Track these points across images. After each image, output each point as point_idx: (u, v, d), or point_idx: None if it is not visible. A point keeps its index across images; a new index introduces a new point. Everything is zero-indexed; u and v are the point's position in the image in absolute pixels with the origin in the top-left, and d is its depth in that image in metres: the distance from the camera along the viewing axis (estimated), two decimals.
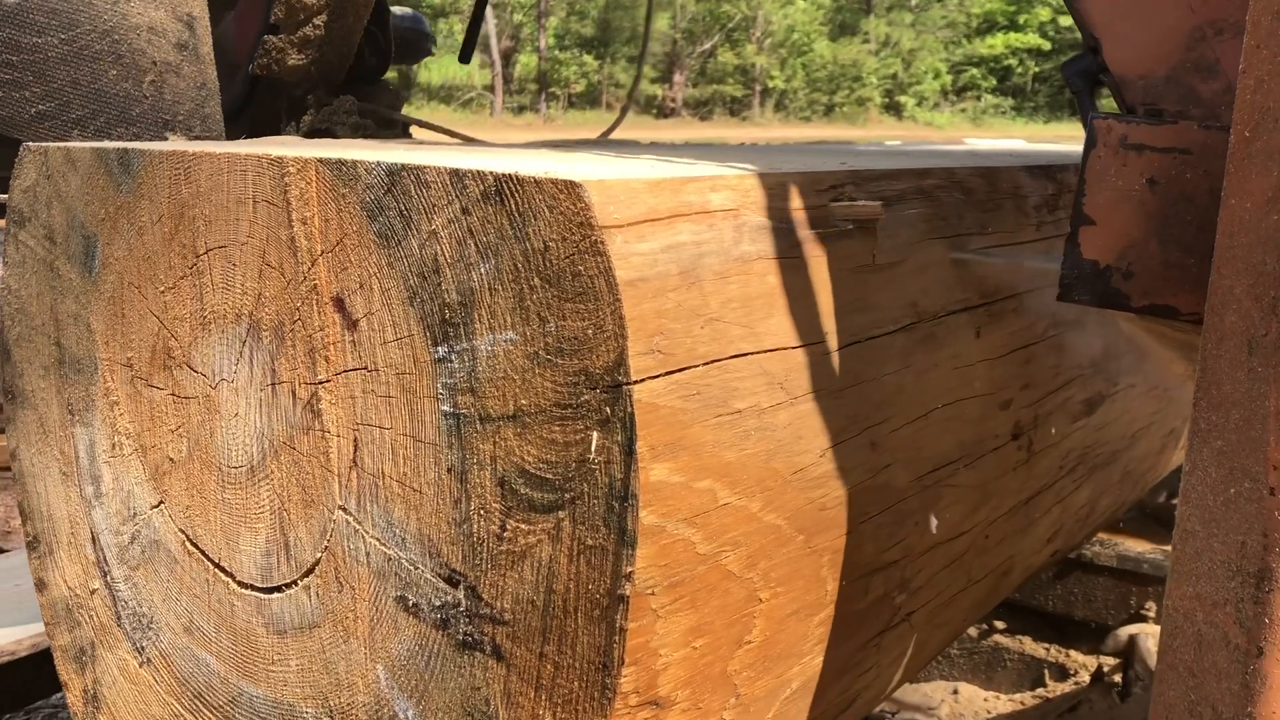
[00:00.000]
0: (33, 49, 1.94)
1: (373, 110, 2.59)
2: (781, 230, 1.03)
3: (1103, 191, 1.14)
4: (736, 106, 33.10)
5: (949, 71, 35.77)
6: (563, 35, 31.16)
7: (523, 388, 0.92)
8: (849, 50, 34.90)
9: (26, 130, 1.95)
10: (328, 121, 2.51)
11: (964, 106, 35.54)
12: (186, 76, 2.09)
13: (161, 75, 2.04)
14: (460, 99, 28.40)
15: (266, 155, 1.09)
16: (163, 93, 2.05)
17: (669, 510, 0.89)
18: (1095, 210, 1.15)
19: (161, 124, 2.07)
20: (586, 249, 0.86)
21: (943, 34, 36.10)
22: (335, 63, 2.49)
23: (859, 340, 1.11)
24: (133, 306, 1.26)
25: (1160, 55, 1.15)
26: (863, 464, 1.11)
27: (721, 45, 33.09)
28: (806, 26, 34.28)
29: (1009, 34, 34.99)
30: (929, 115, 34.06)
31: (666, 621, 0.91)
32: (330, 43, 2.43)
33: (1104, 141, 1.15)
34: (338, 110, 2.52)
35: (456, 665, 1.01)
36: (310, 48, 2.41)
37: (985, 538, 1.41)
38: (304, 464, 1.11)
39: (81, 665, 1.42)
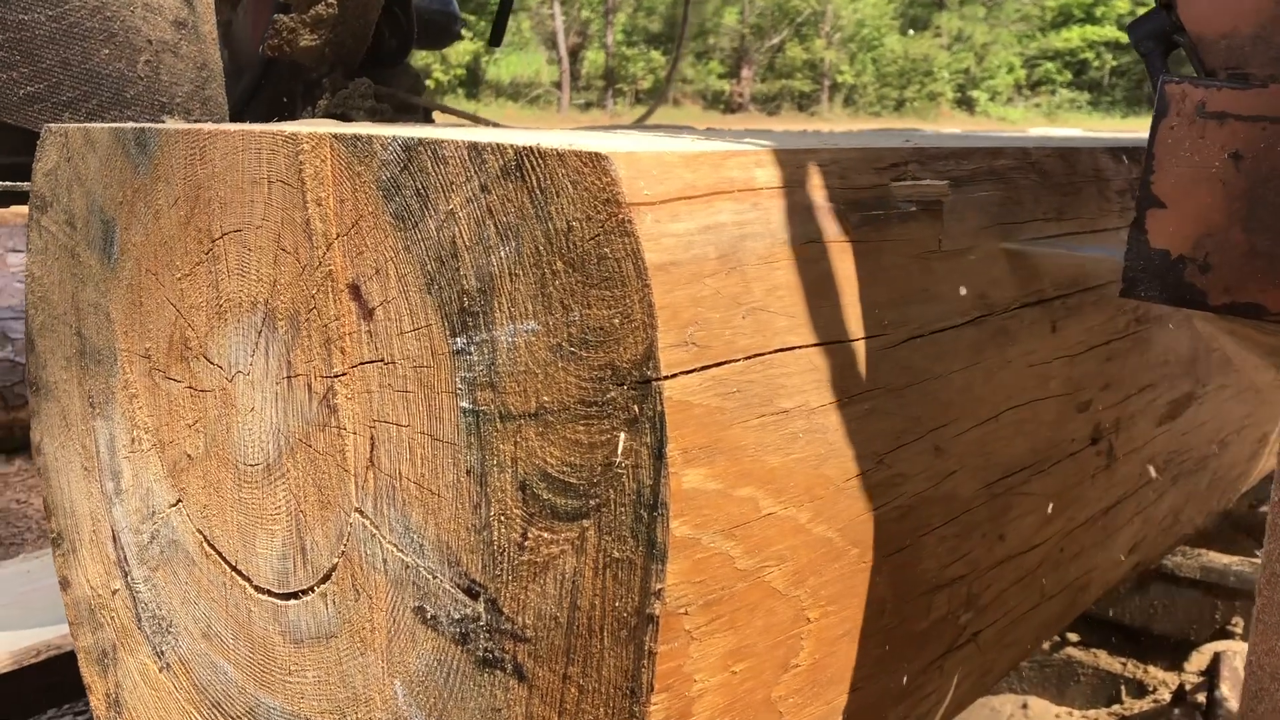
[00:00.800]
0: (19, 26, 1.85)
1: (390, 94, 2.50)
2: (836, 211, 0.93)
3: (1175, 169, 0.99)
4: (805, 102, 32.75)
5: (1023, 65, 35.06)
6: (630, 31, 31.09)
7: (545, 383, 0.84)
8: (920, 44, 34.36)
9: (14, 113, 1.87)
10: (343, 106, 2.43)
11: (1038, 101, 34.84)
12: (185, 56, 2.00)
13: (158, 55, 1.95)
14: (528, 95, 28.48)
15: (280, 132, 1.02)
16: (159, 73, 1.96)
17: (704, 521, 0.80)
18: (1166, 191, 1.00)
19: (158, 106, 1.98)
20: (613, 229, 0.77)
21: (1017, 27, 35.38)
22: (351, 44, 2.41)
23: (922, 334, 1.01)
24: (150, 294, 1.20)
25: (1247, 10, 0.99)
26: (925, 470, 1.01)
27: (790, 40, 32.76)
28: (877, 21, 33.81)
29: (1085, 27, 34.18)
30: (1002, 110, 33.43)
31: (702, 644, 0.82)
32: (344, 23, 2.35)
33: (1177, 110, 0.99)
34: (353, 94, 2.44)
35: (476, 684, 0.93)
36: (323, 27, 2.32)
37: (1060, 551, 1.30)
38: (320, 463, 1.04)
39: (104, 668, 1.37)
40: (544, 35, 29.95)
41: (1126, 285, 1.02)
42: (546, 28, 29.58)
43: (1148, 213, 1.01)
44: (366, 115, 2.39)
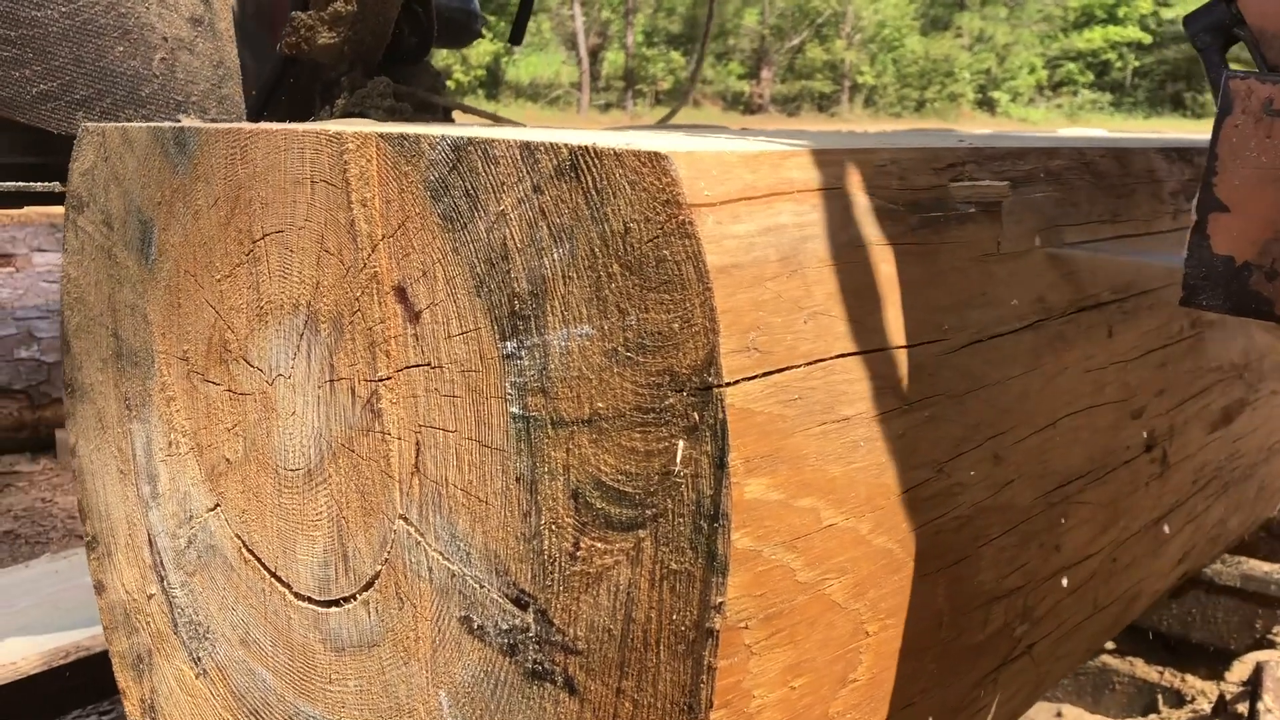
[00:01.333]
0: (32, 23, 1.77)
1: (410, 93, 2.43)
2: (895, 213, 0.91)
3: (1240, 170, 0.94)
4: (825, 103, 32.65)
5: (1045, 66, 34.86)
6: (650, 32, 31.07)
7: (599, 389, 0.81)
8: (941, 45, 34.19)
9: (27, 112, 1.81)
10: (361, 105, 2.34)
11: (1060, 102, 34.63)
12: (201, 54, 1.95)
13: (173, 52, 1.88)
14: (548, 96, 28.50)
15: (324, 131, 1.00)
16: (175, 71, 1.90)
17: (766, 532, 0.77)
18: (1230, 193, 0.95)
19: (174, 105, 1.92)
20: (673, 230, 0.75)
21: (1038, 28, 35.18)
22: (370, 42, 2.33)
23: (981, 339, 0.98)
24: (189, 296, 1.18)
25: None
26: (984, 479, 0.98)
27: (810, 41, 32.67)
28: (897, 21, 33.67)
29: (1107, 27, 33.95)
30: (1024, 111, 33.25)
31: (762, 659, 0.80)
32: (364, 20, 2.27)
33: (1242, 107, 0.94)
34: (371, 93, 2.35)
35: (525, 696, 0.90)
36: (342, 25, 2.25)
37: (1113, 561, 1.27)
38: (363, 468, 1.02)
39: (139, 673, 1.35)
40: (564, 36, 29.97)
41: (1187, 293, 0.97)
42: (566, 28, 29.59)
43: (1210, 216, 0.96)
44: (385, 115, 2.33)
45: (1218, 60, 1.05)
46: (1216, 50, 1.05)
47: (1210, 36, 1.05)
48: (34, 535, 4.11)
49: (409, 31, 2.56)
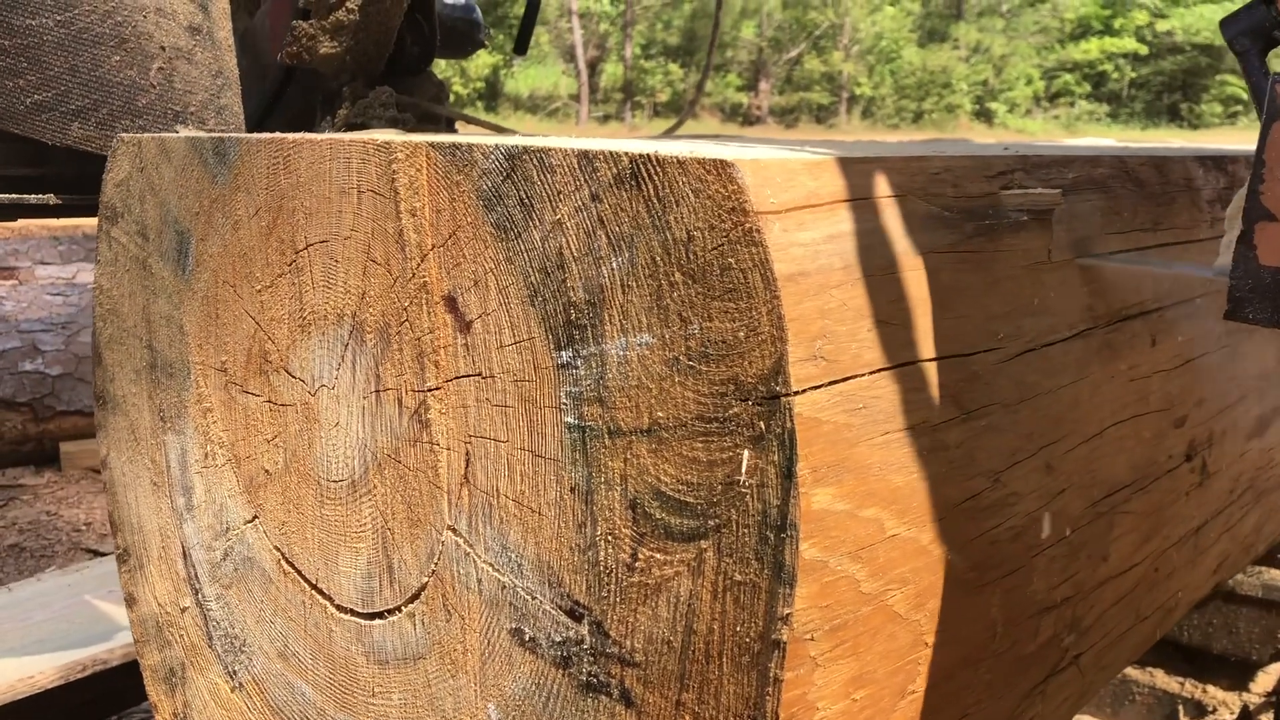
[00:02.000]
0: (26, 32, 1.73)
1: (413, 103, 2.40)
2: (951, 220, 0.90)
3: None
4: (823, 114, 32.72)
5: (1042, 77, 34.96)
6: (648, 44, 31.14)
7: (660, 398, 0.81)
8: (938, 57, 34.30)
9: (21, 123, 1.75)
10: (363, 115, 2.34)
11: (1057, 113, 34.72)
12: (200, 63, 1.90)
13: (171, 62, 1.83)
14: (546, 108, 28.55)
15: (372, 141, 0.99)
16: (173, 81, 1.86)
17: (832, 543, 0.77)
18: (1277, 202, 0.90)
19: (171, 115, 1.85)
20: (739, 238, 0.74)
21: (1035, 39, 35.29)
22: (373, 51, 2.32)
23: (1034, 348, 0.98)
24: (227, 307, 1.17)
25: None
26: (1038, 489, 0.98)
27: (808, 53, 32.76)
28: (895, 33, 33.78)
29: (1104, 39, 34.07)
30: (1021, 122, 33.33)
31: (826, 670, 0.79)
32: (366, 29, 2.26)
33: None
34: (373, 103, 2.35)
35: (579, 709, 0.90)
36: (344, 34, 2.24)
37: (1155, 571, 1.26)
38: (410, 479, 1.01)
39: (171, 687, 1.34)
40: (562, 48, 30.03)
41: (1232, 306, 0.94)
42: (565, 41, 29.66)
43: (1257, 226, 0.92)
44: (388, 125, 2.33)
45: (1258, 64, 1.03)
46: (1257, 54, 1.03)
47: (1249, 40, 1.03)
48: (39, 549, 4.10)
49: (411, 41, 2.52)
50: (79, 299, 4.93)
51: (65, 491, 4.62)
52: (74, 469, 4.72)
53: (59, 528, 4.38)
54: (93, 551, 4.13)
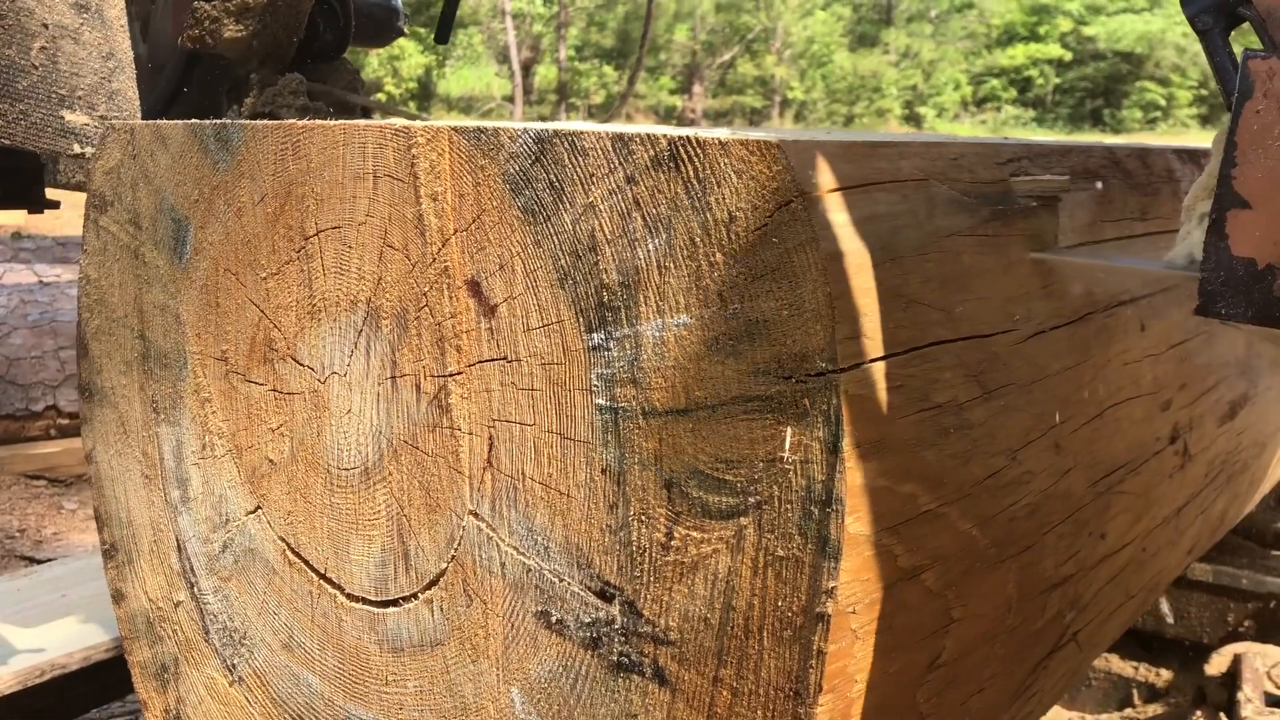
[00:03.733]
0: None
1: (326, 91, 2.31)
2: (969, 205, 0.93)
3: (1264, 160, 0.83)
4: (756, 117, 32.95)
5: (969, 82, 35.57)
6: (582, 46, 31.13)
7: (698, 378, 0.82)
8: (869, 61, 34.72)
9: None
10: (271, 104, 2.23)
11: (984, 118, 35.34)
12: (88, 44, 1.76)
13: (55, 41, 1.70)
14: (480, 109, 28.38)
15: (390, 126, 0.99)
16: (57, 62, 1.72)
17: (874, 517, 0.78)
18: (1252, 187, 0.83)
19: (56, 100, 1.72)
20: (785, 219, 0.76)
21: (963, 45, 35.90)
22: (282, 36, 2.20)
23: (1044, 330, 1.01)
24: (229, 295, 1.16)
25: None
26: (1048, 468, 1.01)
27: (741, 56, 32.97)
28: (826, 38, 34.11)
29: (1029, 44, 34.73)
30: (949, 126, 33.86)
31: (865, 643, 0.81)
32: (274, 12, 2.14)
33: (1265, 90, 0.83)
34: (282, 90, 2.24)
35: (609, 689, 0.90)
36: (250, 17, 2.12)
37: (1143, 550, 1.30)
38: (429, 465, 1.01)
39: (163, 683, 1.32)
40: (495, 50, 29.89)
41: (1204, 301, 0.88)
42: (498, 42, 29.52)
43: (1229, 214, 0.85)
44: (298, 114, 2.20)
45: (1222, 43, 0.97)
46: (1220, 33, 0.97)
47: (1212, 18, 0.97)
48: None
49: (324, 27, 2.40)
50: (6, 300, 4.80)
51: (11, 499, 4.50)
52: (5, 475, 4.59)
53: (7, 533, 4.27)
54: (27, 559, 4.03)
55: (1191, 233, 0.98)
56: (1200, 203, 0.97)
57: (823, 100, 34.03)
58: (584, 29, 31.09)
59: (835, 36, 34.72)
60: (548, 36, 31.14)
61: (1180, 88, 32.10)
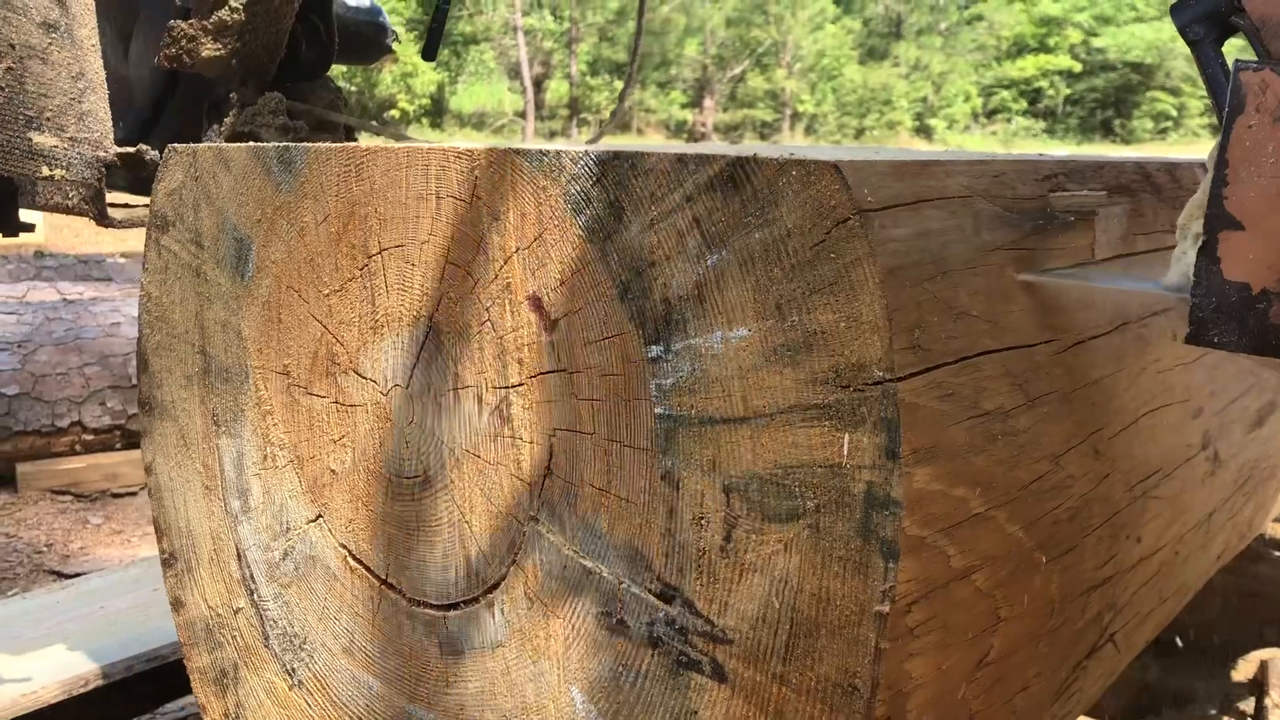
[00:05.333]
0: None
1: (306, 110, 2.27)
2: (1011, 220, 0.97)
3: (1257, 179, 0.79)
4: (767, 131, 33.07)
5: (980, 94, 35.65)
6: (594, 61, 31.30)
7: (757, 388, 0.86)
8: (879, 74, 34.85)
9: None
10: (251, 123, 2.19)
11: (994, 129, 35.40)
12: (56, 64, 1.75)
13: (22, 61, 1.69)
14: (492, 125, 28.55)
15: (453, 149, 1.03)
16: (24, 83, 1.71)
17: (929, 520, 0.82)
18: (1244, 208, 0.80)
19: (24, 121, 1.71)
20: (842, 235, 0.80)
21: (973, 57, 35.99)
22: (262, 55, 2.16)
23: (1083, 340, 1.04)
24: (291, 311, 1.20)
25: None
26: (1089, 473, 1.04)
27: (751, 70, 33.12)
28: (836, 51, 34.26)
29: (1039, 56, 34.83)
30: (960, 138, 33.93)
31: (920, 641, 0.84)
32: (253, 30, 2.09)
33: (1257, 104, 0.79)
34: (262, 110, 2.20)
35: (669, 687, 0.94)
36: (229, 35, 2.06)
37: (1175, 554, 1.34)
38: (490, 473, 1.05)
39: (223, 688, 1.36)
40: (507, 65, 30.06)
41: (1195, 329, 0.84)
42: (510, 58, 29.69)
43: (1220, 236, 0.81)
44: (278, 133, 2.19)
45: (1214, 54, 0.95)
46: (1211, 43, 0.95)
47: (1203, 28, 0.94)
48: (1, 571, 4.03)
49: (307, 45, 2.37)
50: (32, 317, 4.86)
51: (24, 513, 4.55)
52: (31, 490, 4.64)
53: (19, 550, 4.31)
54: (56, 574, 4.07)
55: (1186, 253, 0.94)
56: (1194, 221, 0.92)
57: (833, 113, 34.11)
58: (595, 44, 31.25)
59: (845, 50, 34.83)
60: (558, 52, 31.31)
61: (1191, 97, 32.11)
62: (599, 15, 30.28)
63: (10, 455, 4.56)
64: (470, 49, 29.03)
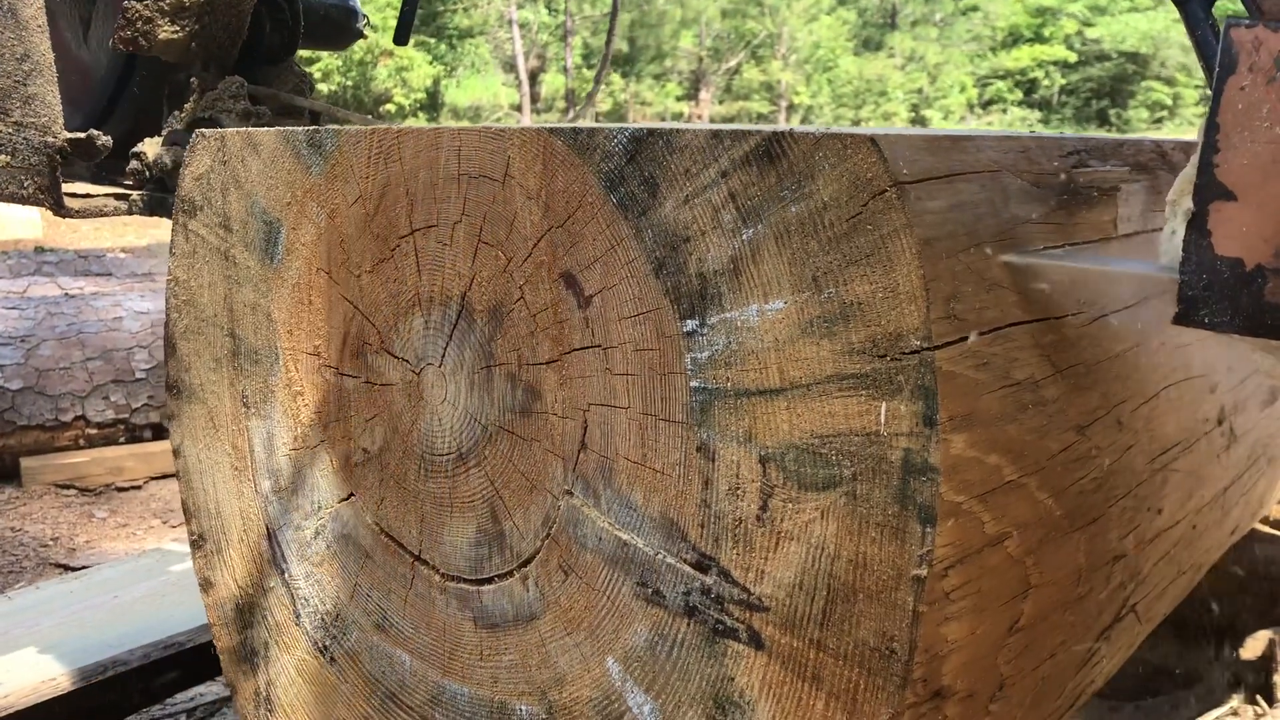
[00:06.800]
0: None
1: (271, 95, 2.20)
2: (1039, 195, 0.98)
3: (1250, 145, 0.74)
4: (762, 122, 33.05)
5: (975, 85, 35.64)
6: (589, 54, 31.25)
7: (792, 359, 0.87)
8: (874, 65, 34.82)
9: None
10: (211, 109, 2.11)
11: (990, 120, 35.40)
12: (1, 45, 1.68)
13: None
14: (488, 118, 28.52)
15: (487, 129, 1.05)
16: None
17: (965, 486, 0.84)
18: (1237, 176, 0.74)
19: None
20: (879, 207, 0.81)
21: (968, 47, 35.98)
22: (223, 38, 2.09)
23: (1105, 314, 1.06)
24: (321, 293, 1.22)
25: None
26: (1113, 444, 1.06)
27: (747, 62, 33.09)
28: (832, 42, 34.24)
29: (1034, 46, 34.83)
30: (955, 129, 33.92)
31: (956, 605, 0.86)
32: (213, 12, 2.02)
33: (1250, 64, 0.73)
34: (222, 95, 2.12)
35: (705, 655, 0.96)
36: (186, 17, 1.98)
37: (1193, 528, 1.36)
38: (524, 448, 1.06)
39: (253, 667, 1.38)
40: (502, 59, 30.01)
41: (1184, 308, 0.80)
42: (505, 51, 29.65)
43: (1211, 207, 0.76)
44: (239, 118, 2.12)
45: (1203, 15, 0.90)
46: (1201, 5, 0.90)
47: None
48: (6, 565, 4.05)
49: (271, 28, 2.31)
50: (34, 312, 4.88)
51: (28, 507, 4.56)
52: (35, 484, 4.66)
53: (25, 543, 4.33)
54: (63, 567, 4.09)
55: (1176, 231, 0.89)
56: (1184, 197, 0.87)
57: (829, 104, 34.08)
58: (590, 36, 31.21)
59: (840, 41, 34.80)
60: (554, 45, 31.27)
61: (1186, 87, 32.11)
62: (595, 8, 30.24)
63: (15, 449, 4.58)
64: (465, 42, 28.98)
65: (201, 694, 2.77)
